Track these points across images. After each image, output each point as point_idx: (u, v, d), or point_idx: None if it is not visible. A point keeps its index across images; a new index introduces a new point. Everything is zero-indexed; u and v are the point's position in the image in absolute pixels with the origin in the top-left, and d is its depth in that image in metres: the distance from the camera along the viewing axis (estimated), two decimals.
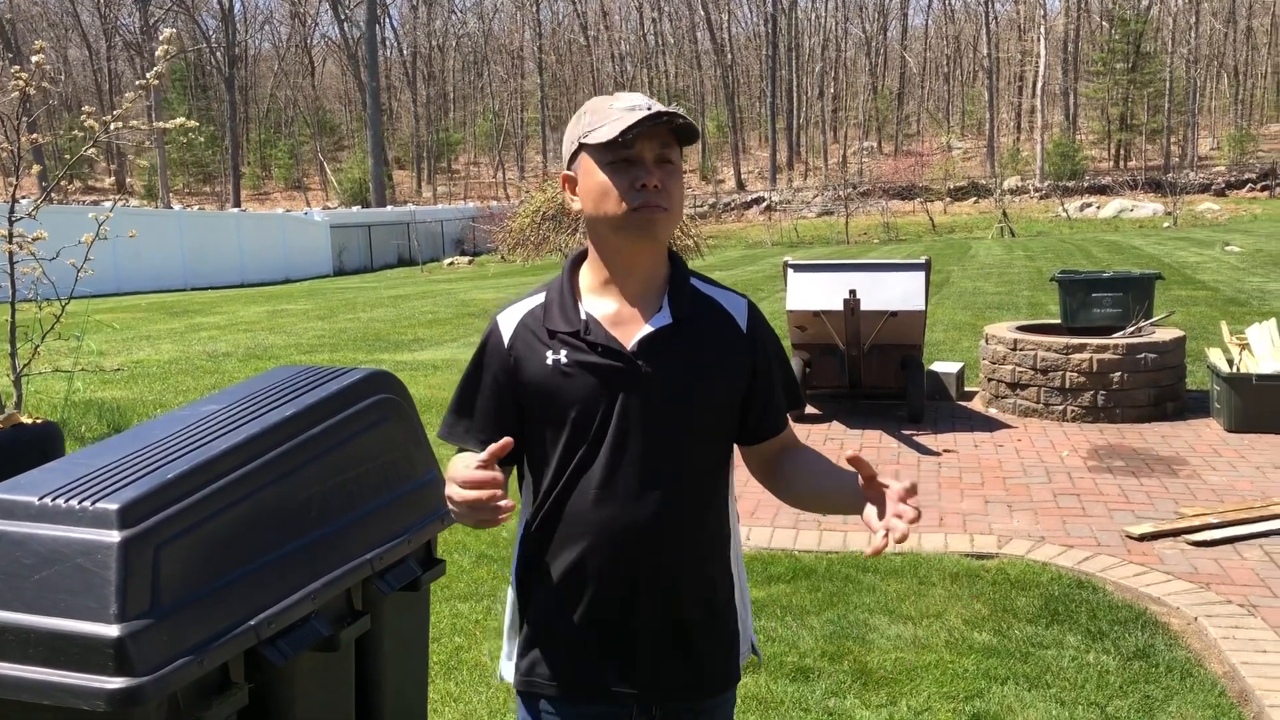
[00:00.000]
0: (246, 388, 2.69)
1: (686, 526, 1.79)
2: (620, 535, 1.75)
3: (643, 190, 1.70)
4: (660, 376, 1.75)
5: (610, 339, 1.75)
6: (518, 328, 1.83)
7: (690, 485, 1.79)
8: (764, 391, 1.85)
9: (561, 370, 1.76)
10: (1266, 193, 46.25)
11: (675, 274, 1.83)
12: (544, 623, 1.84)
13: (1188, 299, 13.65)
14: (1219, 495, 5.66)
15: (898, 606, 4.33)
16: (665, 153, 1.72)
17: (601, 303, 1.80)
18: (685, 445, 1.77)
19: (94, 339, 11.11)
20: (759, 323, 1.87)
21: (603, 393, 1.74)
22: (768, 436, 1.89)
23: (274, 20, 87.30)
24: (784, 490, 1.91)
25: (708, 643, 1.84)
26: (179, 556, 2.05)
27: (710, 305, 1.84)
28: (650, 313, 1.78)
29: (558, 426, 1.77)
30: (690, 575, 1.81)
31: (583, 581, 1.78)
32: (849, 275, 7.28)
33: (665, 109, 1.70)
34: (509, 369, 1.82)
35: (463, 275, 28.23)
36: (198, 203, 64.74)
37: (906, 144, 67.78)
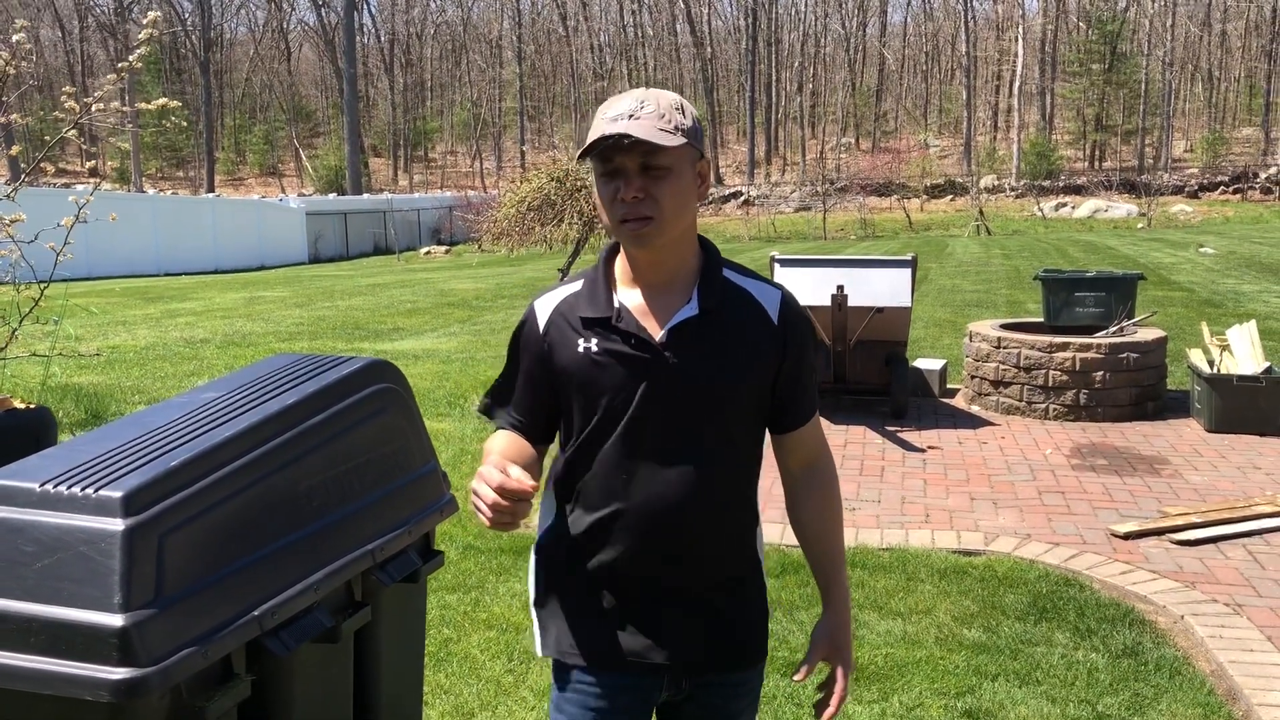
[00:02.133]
0: (245, 375, 2.65)
1: (714, 509, 1.82)
2: (645, 518, 1.79)
3: (623, 203, 1.70)
4: (687, 367, 1.77)
5: (640, 328, 1.78)
6: (553, 314, 1.85)
7: (719, 473, 1.81)
8: (790, 384, 1.86)
9: (593, 358, 1.79)
10: (1238, 195, 46.73)
11: (707, 264, 1.84)
12: (572, 596, 1.88)
13: (1164, 300, 13.77)
14: (1201, 495, 5.70)
15: (887, 602, 4.34)
16: (650, 160, 1.70)
17: (633, 293, 1.82)
18: (714, 433, 1.80)
19: (70, 324, 10.97)
20: (792, 314, 1.86)
21: (631, 381, 1.77)
22: (791, 428, 1.90)
23: (250, 4, 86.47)
24: (789, 516, 1.97)
25: (734, 617, 1.88)
26: (183, 545, 2.01)
27: (742, 296, 1.84)
28: (680, 303, 1.79)
29: (588, 411, 1.81)
30: (715, 556, 1.85)
31: (610, 558, 1.82)
32: (836, 271, 7.29)
33: (620, 131, 1.66)
34: (543, 355, 1.85)
35: (440, 265, 28.10)
36: (171, 187, 64.09)
37: (884, 141, 68.01)
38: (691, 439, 1.79)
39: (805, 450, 1.93)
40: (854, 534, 5.17)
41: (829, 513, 1.94)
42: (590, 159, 1.74)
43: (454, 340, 11.61)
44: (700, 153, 1.78)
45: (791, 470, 1.95)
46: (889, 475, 6.19)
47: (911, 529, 5.25)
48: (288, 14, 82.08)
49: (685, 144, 1.72)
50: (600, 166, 1.73)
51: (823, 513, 1.93)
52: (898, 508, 5.59)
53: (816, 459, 1.95)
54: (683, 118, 1.72)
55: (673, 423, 1.78)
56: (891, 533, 5.19)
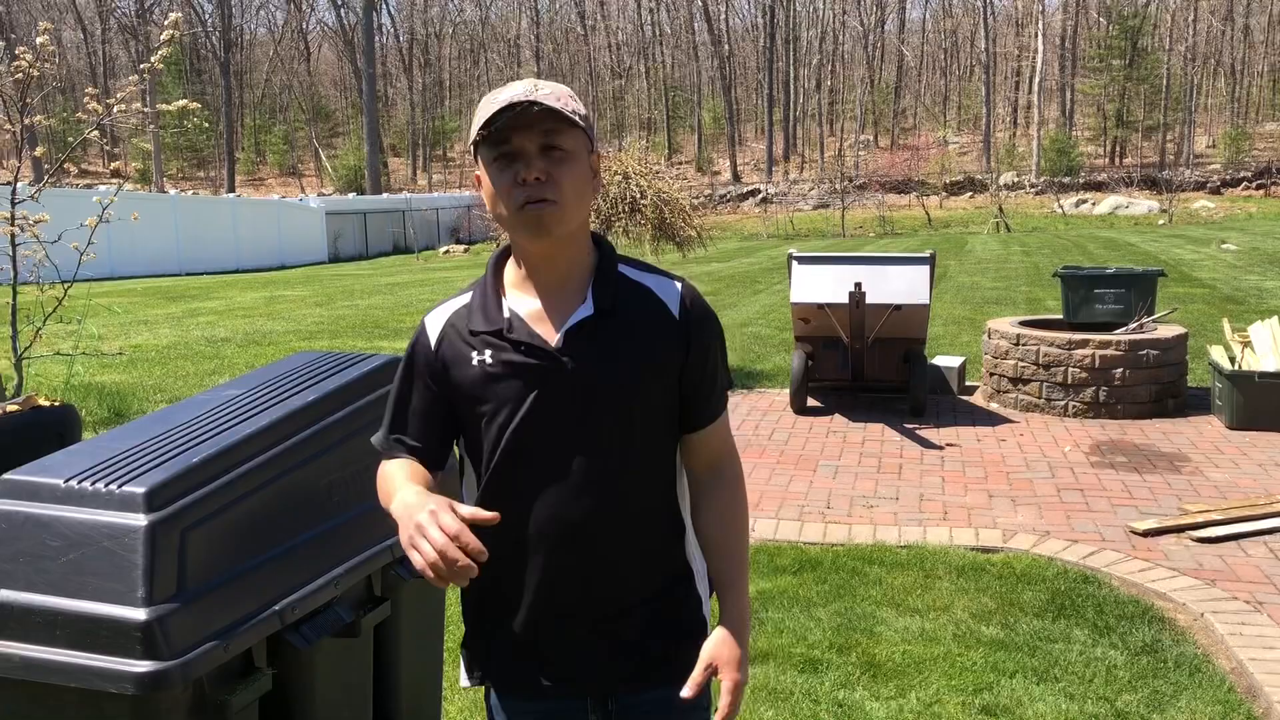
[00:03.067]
0: (266, 373, 2.68)
1: (627, 521, 1.74)
2: (557, 533, 1.71)
3: (524, 185, 1.62)
4: (586, 370, 1.69)
5: (533, 335, 1.70)
6: (444, 329, 1.77)
7: (631, 479, 1.73)
8: (694, 381, 1.77)
9: (487, 370, 1.71)
10: (1261, 191, 46.33)
11: (601, 262, 1.76)
12: (487, 620, 1.82)
13: (1185, 296, 13.68)
14: (1222, 492, 5.67)
15: (904, 599, 4.34)
16: (551, 140, 1.62)
17: (524, 299, 1.73)
18: (622, 438, 1.71)
19: (93, 323, 11.06)
20: (694, 307, 1.77)
21: (530, 390, 1.69)
22: (694, 428, 1.80)
23: (270, 5, 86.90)
24: (692, 519, 1.85)
25: (660, 632, 1.79)
26: (205, 540, 2.04)
27: (641, 293, 1.75)
28: (574, 305, 1.71)
29: (488, 426, 1.72)
30: (635, 570, 1.76)
31: (521, 579, 1.74)
32: (854, 268, 7.28)
33: (526, 99, 1.60)
34: (437, 372, 1.76)
35: (459, 263, 28.19)
36: (191, 188, 64.48)
37: (903, 138, 67.70)
38: (596, 447, 1.70)
39: (709, 452, 1.83)
40: (872, 531, 5.17)
41: (730, 519, 1.83)
42: (482, 147, 1.65)
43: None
44: (592, 145, 1.72)
45: (694, 472, 1.84)
46: (907, 473, 6.18)
47: (930, 526, 5.24)
48: (307, 14, 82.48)
49: (583, 129, 1.66)
50: (493, 152, 1.64)
51: (723, 518, 1.82)
52: (916, 505, 5.59)
53: (720, 461, 1.84)
54: (577, 104, 1.66)
55: (575, 431, 1.69)
56: (909, 530, 5.18)
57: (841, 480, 6.05)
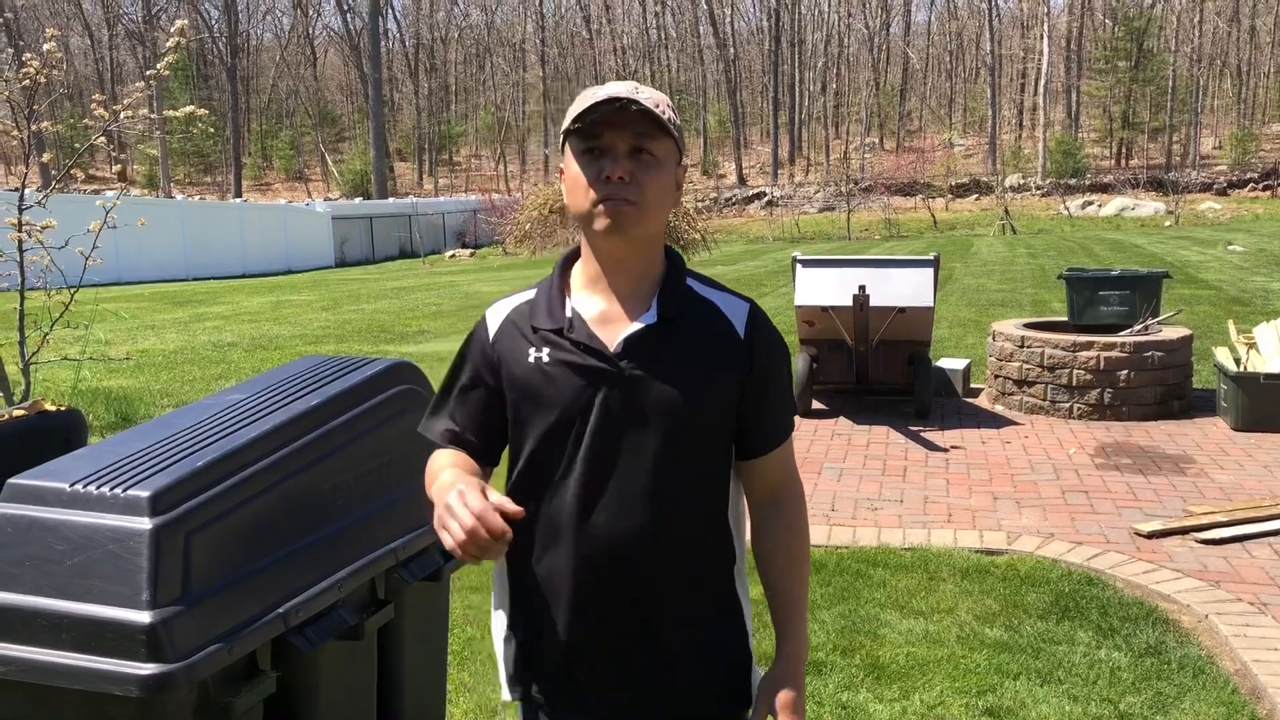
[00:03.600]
0: (271, 377, 2.69)
1: (674, 543, 1.68)
2: (600, 550, 1.66)
3: (607, 182, 1.60)
4: (644, 378, 1.65)
5: (593, 338, 1.67)
6: (504, 323, 1.76)
7: (679, 499, 1.68)
8: (755, 403, 1.73)
9: (543, 369, 1.68)
10: (1268, 192, 46.22)
11: (670, 273, 1.73)
12: (526, 637, 1.77)
13: (1191, 298, 13.66)
14: (1227, 493, 5.67)
15: (908, 602, 4.34)
16: (641, 143, 1.61)
17: (589, 301, 1.71)
18: (671, 453, 1.66)
19: (100, 328, 11.10)
20: (760, 329, 1.74)
21: (584, 394, 1.66)
22: (754, 454, 1.75)
23: (276, 10, 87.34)
24: (752, 547, 1.82)
25: (702, 666, 1.73)
26: (209, 544, 2.05)
27: (706, 308, 1.73)
28: (638, 312, 1.69)
29: (538, 427, 1.69)
30: (678, 596, 1.70)
31: (560, 596, 1.70)
32: (858, 271, 7.28)
33: (628, 96, 1.59)
34: (492, 365, 1.74)
35: (465, 268, 28.24)
36: (198, 193, 64.68)
37: (908, 140, 67.65)
38: (647, 461, 1.65)
39: (768, 481, 1.78)
40: (876, 534, 5.17)
41: (791, 551, 1.78)
42: (572, 137, 1.64)
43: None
44: (681, 157, 1.70)
45: (752, 500, 1.80)
46: (911, 475, 6.18)
47: (934, 528, 5.24)
48: (313, 20, 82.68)
49: (674, 139, 1.65)
50: (583, 144, 1.63)
51: (783, 551, 1.77)
52: (920, 507, 5.59)
53: (782, 489, 1.79)
54: (674, 114, 1.65)
55: (627, 442, 1.65)
56: (914, 532, 5.19)
57: (846, 483, 6.06)
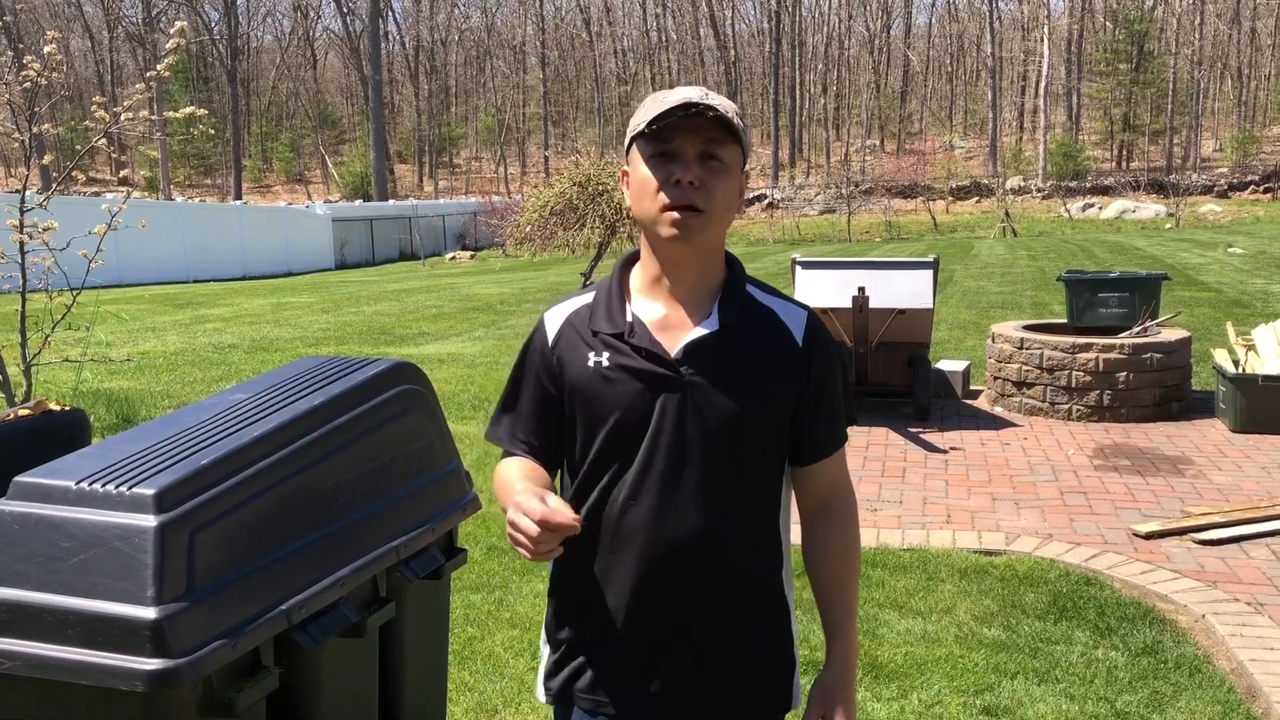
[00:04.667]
0: (273, 377, 2.72)
1: (727, 546, 1.70)
2: (656, 551, 1.68)
3: (677, 186, 1.61)
4: (704, 385, 1.67)
5: (654, 343, 1.69)
6: (563, 326, 1.77)
7: (734, 502, 1.70)
8: (812, 411, 1.74)
9: (603, 373, 1.70)
10: (1269, 195, 46.21)
11: (730, 279, 1.75)
12: (576, 638, 1.79)
13: (1191, 300, 13.68)
14: (1225, 495, 5.69)
15: (907, 602, 4.36)
16: (711, 149, 1.63)
17: (650, 305, 1.73)
18: (729, 459, 1.69)
19: (100, 330, 11.12)
20: (819, 337, 1.75)
21: (644, 399, 1.68)
22: (809, 461, 1.77)
23: (276, 13, 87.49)
24: (803, 554, 1.84)
25: (750, 668, 1.76)
26: (213, 541, 2.07)
27: (766, 315, 1.74)
28: (699, 318, 1.70)
29: (597, 431, 1.71)
30: (730, 597, 1.72)
31: (616, 597, 1.72)
32: (857, 273, 7.31)
33: (702, 101, 1.61)
34: (551, 369, 1.76)
35: (465, 270, 28.27)
36: (198, 195, 64.72)
37: (909, 142, 67.67)
38: (705, 465, 1.67)
39: (821, 487, 1.80)
40: (875, 534, 5.19)
41: (842, 557, 1.80)
42: (640, 141, 1.65)
43: (478, 345, 11.70)
44: (745, 162, 1.72)
45: (804, 505, 1.82)
46: (910, 476, 6.20)
47: (933, 529, 5.27)
48: (313, 22, 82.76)
49: (741, 146, 1.67)
50: (652, 148, 1.64)
51: (835, 556, 1.79)
52: (919, 508, 5.61)
53: (833, 496, 1.81)
54: (741, 122, 1.66)
55: (685, 446, 1.67)
56: (913, 533, 5.21)
57: None
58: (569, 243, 9.60)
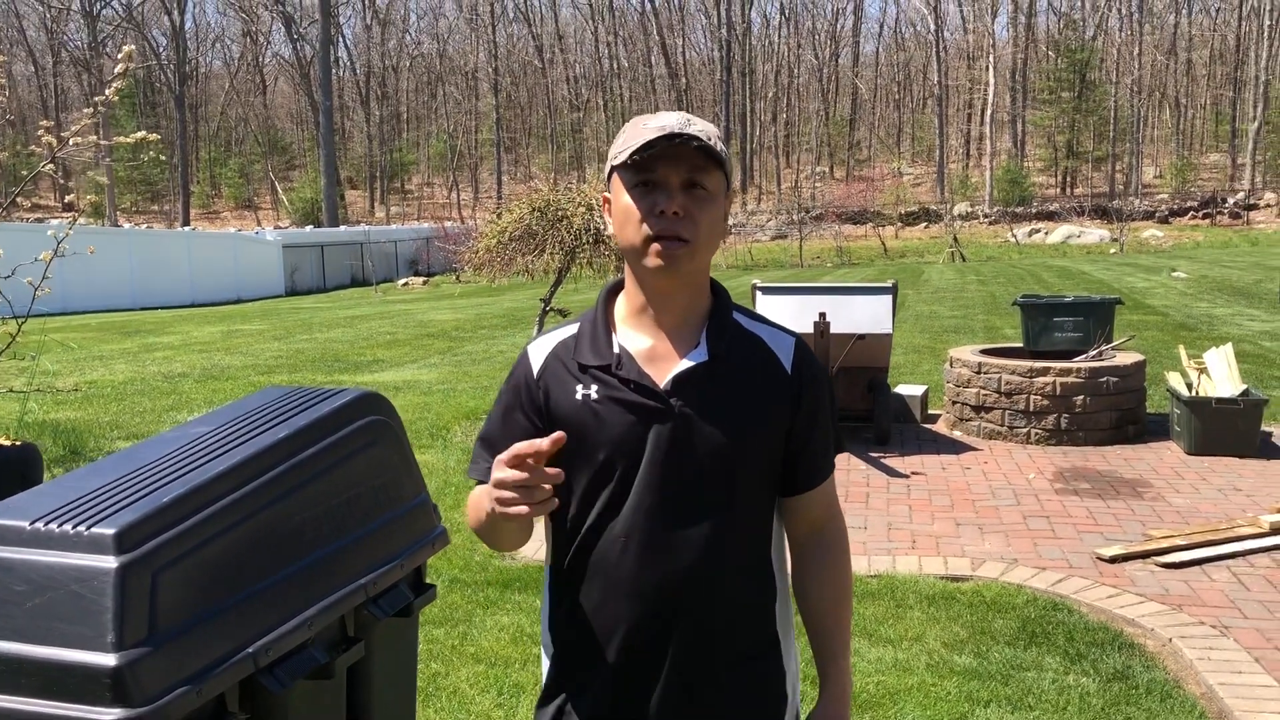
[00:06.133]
0: (236, 409, 2.63)
1: (720, 579, 1.67)
2: (650, 588, 1.64)
3: (661, 217, 1.58)
4: (695, 417, 1.64)
5: (643, 375, 1.65)
6: (548, 359, 1.73)
7: (727, 535, 1.66)
8: (801, 440, 1.72)
9: (592, 406, 1.66)
10: (1208, 220, 47.30)
11: (717, 308, 1.72)
12: (568, 678, 1.75)
13: (1140, 324, 13.89)
14: (1184, 517, 5.74)
15: (876, 630, 4.33)
16: (695, 177, 1.59)
17: (636, 336, 1.69)
18: (721, 491, 1.65)
19: (47, 359, 10.84)
20: (807, 364, 1.73)
21: (634, 432, 1.64)
22: (799, 490, 1.75)
23: (225, 38, 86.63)
24: (794, 585, 1.82)
25: (743, 703, 1.72)
26: (177, 582, 1.99)
27: (754, 343, 1.72)
28: (687, 348, 1.67)
29: (585, 466, 1.67)
30: (723, 631, 1.68)
31: (608, 636, 1.68)
32: (817, 298, 7.32)
33: (685, 130, 1.56)
34: (537, 403, 1.72)
35: (419, 296, 28.06)
36: (146, 221, 63.87)
37: (858, 169, 68.52)
38: (697, 497, 1.64)
39: (814, 515, 1.78)
40: None
41: (837, 588, 1.78)
42: (622, 171, 1.61)
43: (434, 371, 11.57)
44: (728, 189, 1.68)
45: (794, 535, 1.79)
46: (874, 501, 6.20)
47: (899, 555, 5.25)
48: (263, 47, 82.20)
49: (724, 173, 1.63)
50: (635, 177, 1.60)
51: (826, 586, 1.77)
52: (884, 534, 5.60)
53: (826, 525, 1.79)
54: (723, 147, 1.62)
55: (677, 479, 1.63)
56: (879, 559, 5.19)
57: None
58: (528, 268, 9.54)
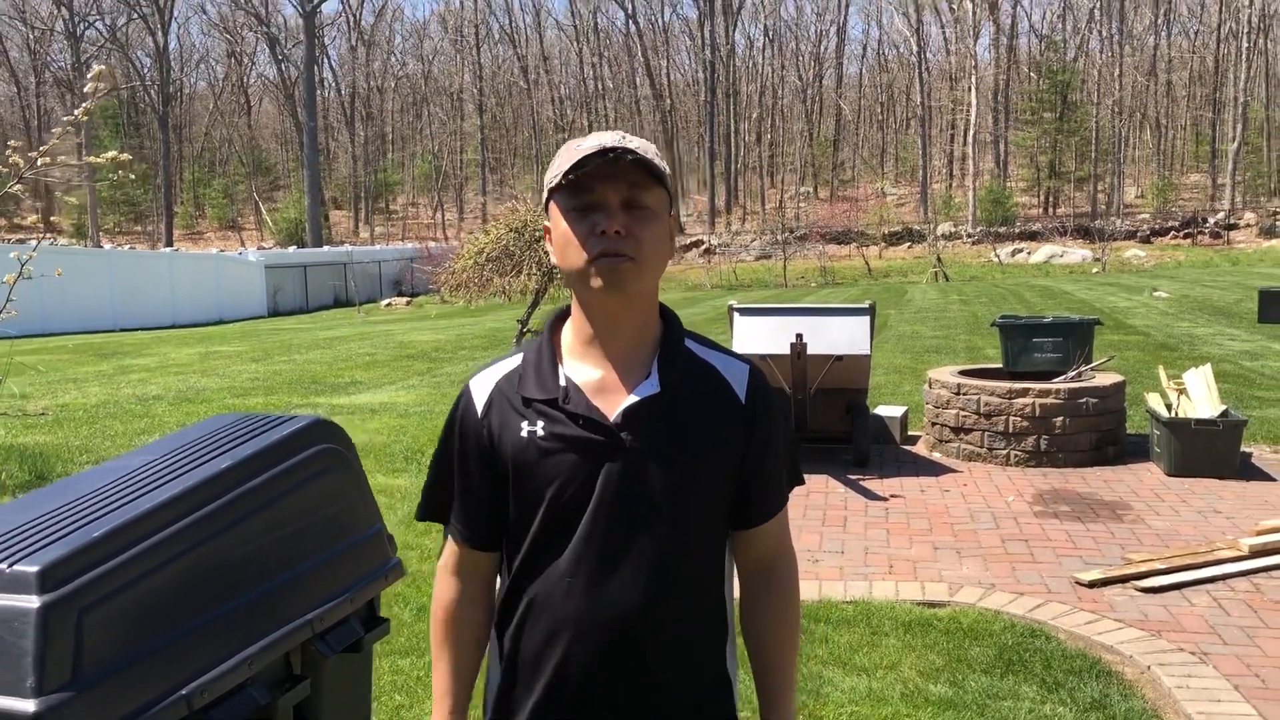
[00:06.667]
0: (181, 438, 2.55)
1: (673, 619, 1.60)
2: (598, 629, 1.58)
3: (602, 237, 1.52)
4: (646, 451, 1.57)
5: (592, 408, 1.58)
6: (493, 394, 1.65)
7: (680, 574, 1.60)
8: (754, 471, 1.65)
9: (538, 443, 1.58)
10: (1189, 240, 47.60)
11: (668, 335, 1.65)
12: (512, 714, 1.68)
13: (1121, 344, 13.89)
14: (1164, 540, 5.68)
15: (851, 658, 4.25)
16: (635, 195, 1.53)
17: (583, 367, 1.62)
18: (674, 528, 1.59)
19: (17, 382, 10.70)
20: (761, 393, 1.66)
21: (584, 469, 1.57)
22: (749, 524, 1.68)
23: (210, 59, 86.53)
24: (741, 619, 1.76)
25: None
26: (104, 622, 1.90)
27: (707, 371, 1.65)
28: (637, 379, 1.60)
29: (532, 505, 1.60)
30: (676, 674, 1.62)
31: (555, 677, 1.62)
32: (794, 319, 7.27)
33: (620, 145, 1.51)
34: (483, 443, 1.64)
35: (401, 316, 27.94)
36: (129, 242, 63.64)
37: (842, 189, 68.73)
38: (650, 535, 1.57)
39: (762, 551, 1.71)
40: (817, 587, 5.08)
41: (784, 626, 1.71)
42: (559, 194, 1.55)
43: (413, 393, 11.46)
44: (673, 206, 1.63)
45: (746, 570, 1.72)
46: (852, 525, 6.12)
47: (875, 580, 5.17)
48: (247, 68, 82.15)
49: (666, 189, 1.58)
50: (573, 200, 1.54)
51: (775, 624, 1.70)
52: (861, 558, 5.52)
53: (775, 560, 1.72)
54: (663, 163, 1.57)
55: (628, 516, 1.57)
56: (855, 585, 5.11)
57: None
58: (505, 289, 9.47)
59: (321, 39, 69.49)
